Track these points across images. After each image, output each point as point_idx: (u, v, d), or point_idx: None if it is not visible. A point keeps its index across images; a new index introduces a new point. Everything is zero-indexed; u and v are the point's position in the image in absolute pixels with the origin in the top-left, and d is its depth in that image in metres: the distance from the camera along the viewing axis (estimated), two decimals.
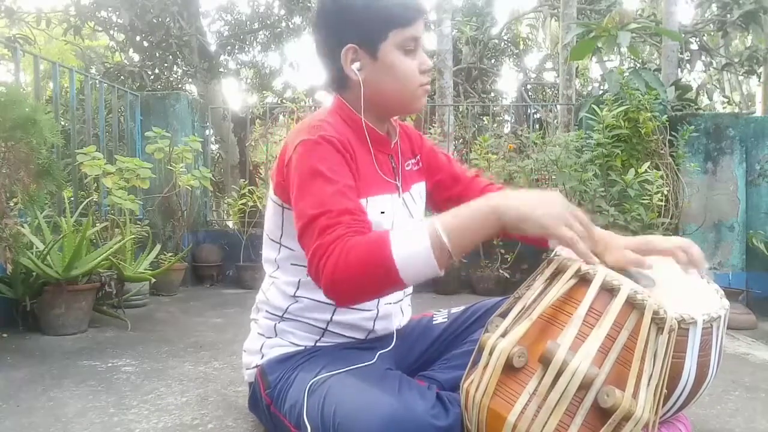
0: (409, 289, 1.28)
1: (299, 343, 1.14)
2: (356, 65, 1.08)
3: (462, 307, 1.30)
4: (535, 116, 6.43)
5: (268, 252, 1.20)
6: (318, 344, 1.14)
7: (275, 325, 1.16)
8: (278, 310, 1.16)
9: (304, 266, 1.11)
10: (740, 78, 8.63)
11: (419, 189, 1.27)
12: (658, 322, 0.81)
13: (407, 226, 0.91)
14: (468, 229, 0.88)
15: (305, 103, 7.30)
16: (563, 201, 0.89)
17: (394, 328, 1.21)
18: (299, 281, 1.13)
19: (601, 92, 3.88)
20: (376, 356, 1.08)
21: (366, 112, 1.12)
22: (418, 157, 1.29)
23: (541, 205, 0.87)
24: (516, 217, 0.86)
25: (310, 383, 0.99)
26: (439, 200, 1.33)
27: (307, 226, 0.94)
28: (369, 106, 1.12)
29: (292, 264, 1.14)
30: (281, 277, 1.16)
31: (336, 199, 0.95)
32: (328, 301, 1.12)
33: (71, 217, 2.61)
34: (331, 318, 1.13)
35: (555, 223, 0.86)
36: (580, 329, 0.81)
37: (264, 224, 1.21)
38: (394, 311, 1.21)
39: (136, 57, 6.88)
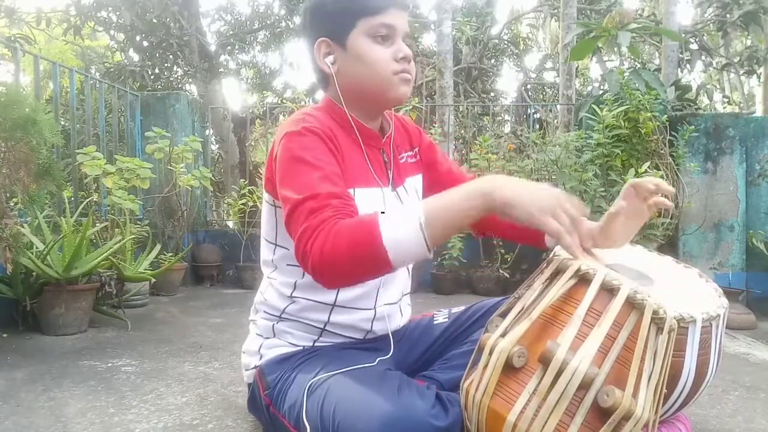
0: (407, 289, 1.28)
1: (297, 343, 1.14)
2: (330, 58, 1.09)
3: (463, 307, 1.29)
4: (535, 116, 6.43)
5: (265, 254, 1.20)
6: (316, 344, 1.14)
7: (273, 325, 1.16)
8: (276, 311, 1.16)
9: (299, 266, 1.12)
10: (740, 78, 8.63)
11: (414, 182, 1.26)
12: (657, 321, 0.81)
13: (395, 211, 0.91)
14: (454, 209, 0.88)
15: (305, 103, 7.30)
16: (555, 193, 0.88)
17: (393, 328, 1.20)
18: (295, 282, 1.13)
19: (601, 92, 3.88)
20: (377, 361, 1.08)
21: (350, 106, 1.12)
22: (416, 149, 1.28)
23: (530, 194, 0.86)
24: (504, 201, 0.86)
25: (310, 383, 0.99)
26: None
27: (294, 210, 0.94)
28: (351, 100, 1.12)
29: (288, 264, 1.15)
30: (278, 278, 1.16)
31: (322, 184, 0.95)
32: (326, 301, 1.12)
33: (71, 217, 2.61)
34: (329, 319, 1.13)
35: (541, 212, 0.85)
36: (580, 329, 0.82)
37: (261, 226, 1.21)
38: (392, 311, 1.20)
39: (137, 57, 6.89)
